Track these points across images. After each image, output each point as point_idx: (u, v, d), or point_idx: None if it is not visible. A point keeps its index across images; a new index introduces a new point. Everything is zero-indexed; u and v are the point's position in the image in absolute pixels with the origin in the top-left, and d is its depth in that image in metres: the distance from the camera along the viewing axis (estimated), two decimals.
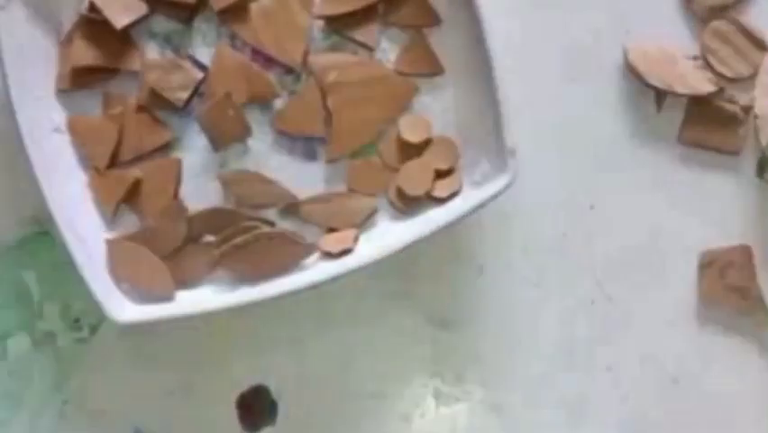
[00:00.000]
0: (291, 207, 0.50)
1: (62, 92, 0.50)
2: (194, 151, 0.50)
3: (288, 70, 0.50)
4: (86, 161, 0.50)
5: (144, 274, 0.49)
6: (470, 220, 0.49)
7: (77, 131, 0.50)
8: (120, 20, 0.48)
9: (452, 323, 0.52)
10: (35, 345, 0.52)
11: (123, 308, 0.48)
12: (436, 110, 0.50)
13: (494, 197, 0.48)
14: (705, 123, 0.51)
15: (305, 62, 0.50)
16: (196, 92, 0.50)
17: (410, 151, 0.50)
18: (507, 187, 0.47)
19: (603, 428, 0.53)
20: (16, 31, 0.48)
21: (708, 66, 0.51)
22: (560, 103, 0.52)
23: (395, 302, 0.52)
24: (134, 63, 0.50)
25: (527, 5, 0.52)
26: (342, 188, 0.50)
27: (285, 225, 0.50)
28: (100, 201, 0.50)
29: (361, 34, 0.50)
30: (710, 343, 0.53)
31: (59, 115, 0.50)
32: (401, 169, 0.50)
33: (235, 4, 0.49)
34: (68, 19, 0.50)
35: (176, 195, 0.50)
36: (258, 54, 0.50)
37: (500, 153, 0.48)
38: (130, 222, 0.50)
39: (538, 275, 0.52)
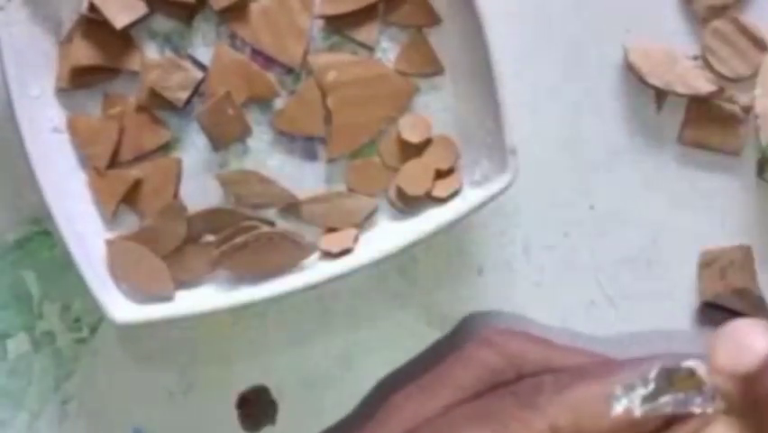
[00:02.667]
0: (291, 207, 0.50)
1: (62, 92, 0.50)
2: (194, 151, 0.50)
3: (288, 70, 0.50)
4: (85, 160, 0.50)
5: (144, 274, 0.49)
6: (470, 220, 0.49)
7: (76, 131, 0.50)
8: (120, 20, 0.48)
9: (452, 323, 0.52)
10: (35, 346, 0.52)
11: (123, 308, 0.48)
12: (436, 110, 0.50)
13: (494, 197, 0.48)
14: (705, 123, 0.51)
15: (304, 62, 0.50)
16: (196, 92, 0.50)
17: (410, 151, 0.50)
18: (507, 187, 0.47)
19: None
20: (16, 30, 0.48)
21: (709, 66, 0.51)
22: (560, 102, 0.52)
23: (395, 302, 0.52)
24: (134, 63, 0.49)
25: (527, 5, 0.51)
26: (342, 188, 0.50)
27: (285, 225, 0.50)
28: (100, 201, 0.50)
29: (361, 34, 0.50)
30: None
31: (58, 115, 0.50)
32: (401, 169, 0.50)
33: (235, 4, 0.49)
34: (68, 19, 0.49)
35: (176, 195, 0.50)
36: (257, 54, 0.50)
37: (500, 153, 0.48)
38: (130, 222, 0.50)
39: (538, 275, 0.52)
